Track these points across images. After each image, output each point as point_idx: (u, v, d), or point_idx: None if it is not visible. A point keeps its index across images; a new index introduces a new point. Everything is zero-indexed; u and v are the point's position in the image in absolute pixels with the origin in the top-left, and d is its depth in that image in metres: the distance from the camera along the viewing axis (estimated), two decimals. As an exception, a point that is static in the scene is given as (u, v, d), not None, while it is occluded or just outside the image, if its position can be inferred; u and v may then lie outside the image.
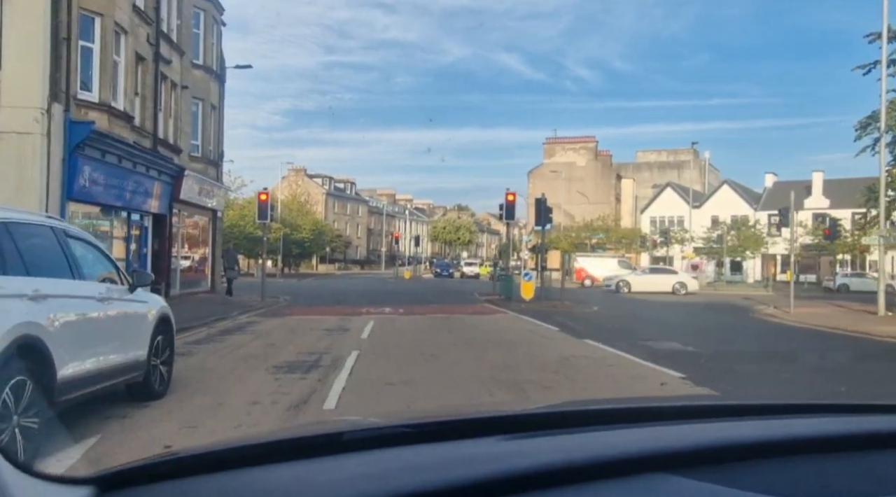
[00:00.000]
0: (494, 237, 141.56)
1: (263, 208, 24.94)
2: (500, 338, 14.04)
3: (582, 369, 10.02)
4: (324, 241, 69.94)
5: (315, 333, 14.46)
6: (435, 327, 16.34)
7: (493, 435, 1.24)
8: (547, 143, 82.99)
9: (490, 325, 17.10)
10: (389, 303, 24.85)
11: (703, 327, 18.55)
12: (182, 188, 23.10)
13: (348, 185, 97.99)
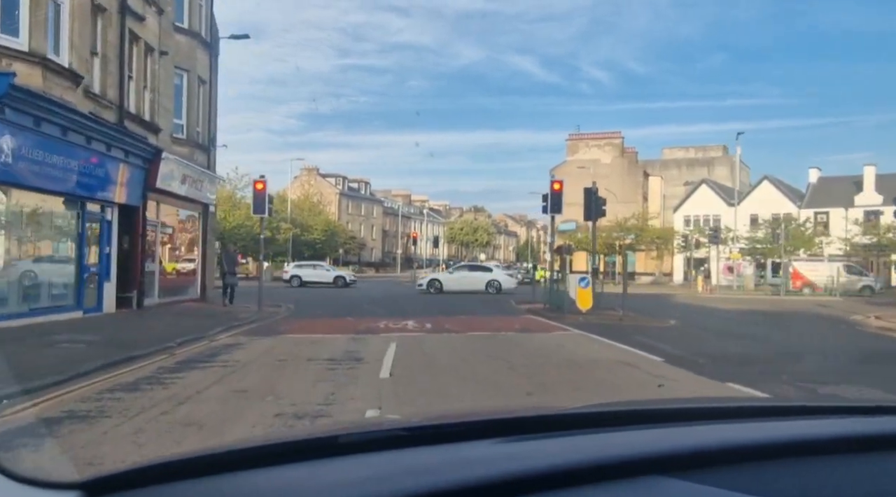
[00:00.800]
0: (512, 239, 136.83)
1: (260, 199, 20.41)
2: (590, 378, 9.32)
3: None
4: (336, 242, 65.58)
5: (313, 367, 9.86)
6: (481, 354, 11.68)
7: (489, 438, 1.21)
8: (570, 140, 78.14)
9: (557, 350, 12.33)
10: (411, 313, 20.25)
11: (847, 350, 13.84)
12: (159, 174, 18.62)
13: (362, 184, 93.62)
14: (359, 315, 19.96)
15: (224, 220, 52.04)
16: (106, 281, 16.77)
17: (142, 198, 18.41)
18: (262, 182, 20.50)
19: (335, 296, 31.83)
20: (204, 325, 15.43)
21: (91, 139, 15.28)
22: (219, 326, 15.40)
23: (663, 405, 1.74)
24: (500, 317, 19.67)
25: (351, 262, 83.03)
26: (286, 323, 17.42)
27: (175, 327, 14.89)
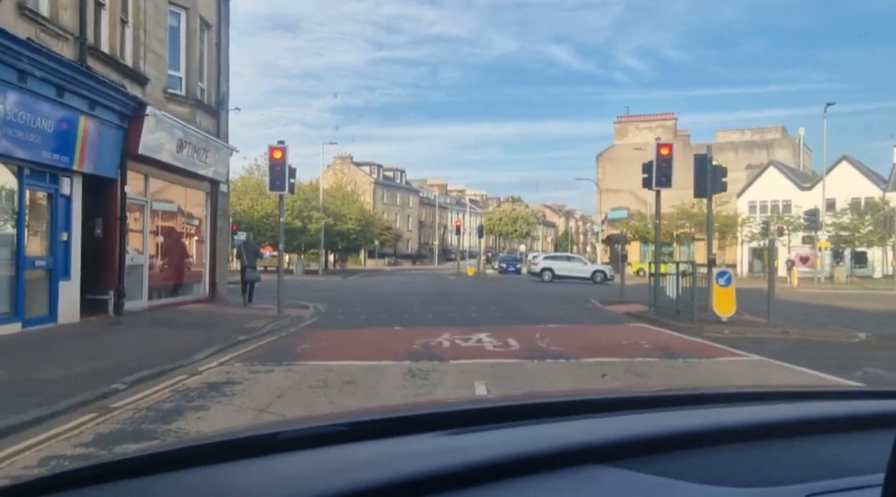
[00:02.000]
0: (550, 230, 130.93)
1: (278, 171, 15.43)
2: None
3: None
4: (372, 233, 60.68)
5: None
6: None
7: (429, 432, 1.19)
8: (618, 123, 72.31)
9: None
10: (476, 320, 15.15)
11: None
12: (142, 136, 13.73)
13: (398, 173, 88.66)
14: (409, 321, 14.88)
15: (252, 210, 47.46)
16: (63, 279, 11.94)
17: (119, 167, 13.53)
18: (281, 149, 15.49)
19: (375, 291, 26.83)
20: (190, 344, 10.48)
21: (27, 76, 10.41)
22: (212, 345, 10.45)
23: (600, 396, 1.62)
24: (601, 326, 14.29)
25: (386, 254, 78.25)
26: (310, 336, 12.40)
27: (143, 348, 9.97)
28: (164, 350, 9.89)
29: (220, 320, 14.18)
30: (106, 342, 10.50)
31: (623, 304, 18.58)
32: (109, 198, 13.53)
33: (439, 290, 29.17)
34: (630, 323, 14.82)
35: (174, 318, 14.11)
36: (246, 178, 51.12)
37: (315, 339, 11.99)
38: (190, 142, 15.90)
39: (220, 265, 19.36)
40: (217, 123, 18.19)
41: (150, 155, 14.21)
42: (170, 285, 16.64)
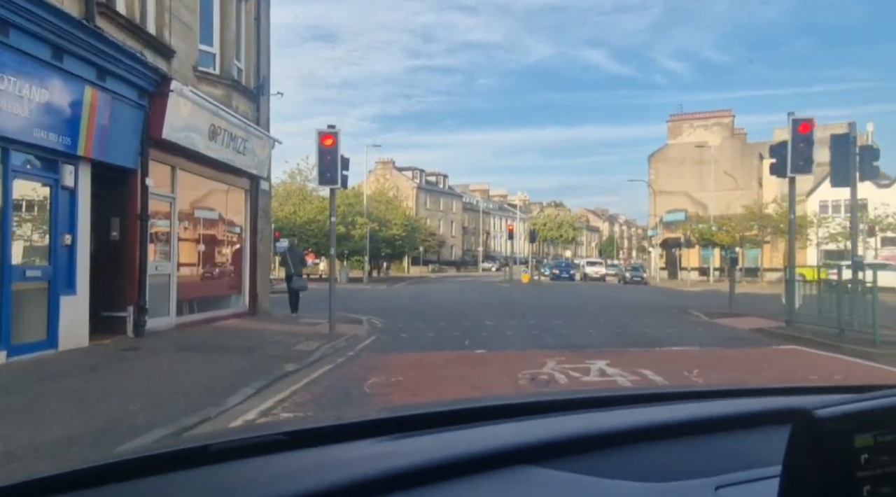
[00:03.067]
0: (594, 234, 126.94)
1: (329, 161, 12.74)
2: None
3: None
4: (416, 239, 58.09)
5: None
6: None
7: (367, 438, 1.20)
8: (671, 121, 68.28)
9: None
10: (574, 338, 12.23)
11: None
12: (166, 117, 11.15)
13: (440, 178, 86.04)
14: (490, 341, 12.01)
15: (294, 215, 45.21)
16: (65, 293, 9.35)
17: (139, 155, 10.97)
18: (332, 135, 12.79)
19: (430, 301, 24.02)
20: (223, 379, 7.79)
21: (8, 26, 7.87)
22: (250, 381, 7.73)
23: (532, 399, 1.65)
24: (745, 349, 10.98)
25: (430, 260, 75.61)
26: (375, 364, 9.60)
27: (161, 387, 7.29)
28: (187, 390, 7.20)
29: (261, 341, 11.50)
30: (113, 378, 7.85)
31: (737, 317, 15.40)
32: (127, 193, 10.98)
33: (500, 299, 26.22)
34: (776, 344, 11.58)
35: (206, 338, 11.47)
36: (288, 184, 49.02)
37: (383, 368, 9.19)
38: (225, 128, 13.30)
39: (262, 274, 16.76)
40: (256, 109, 15.61)
41: (177, 141, 11.62)
42: (203, 298, 14.04)
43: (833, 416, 0.74)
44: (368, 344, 12.08)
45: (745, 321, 14.62)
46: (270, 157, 16.28)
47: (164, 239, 12.25)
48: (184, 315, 13.02)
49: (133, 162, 10.84)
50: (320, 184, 13.10)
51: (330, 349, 10.91)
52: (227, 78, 13.87)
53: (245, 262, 15.99)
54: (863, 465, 0.73)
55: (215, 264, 14.78)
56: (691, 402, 1.54)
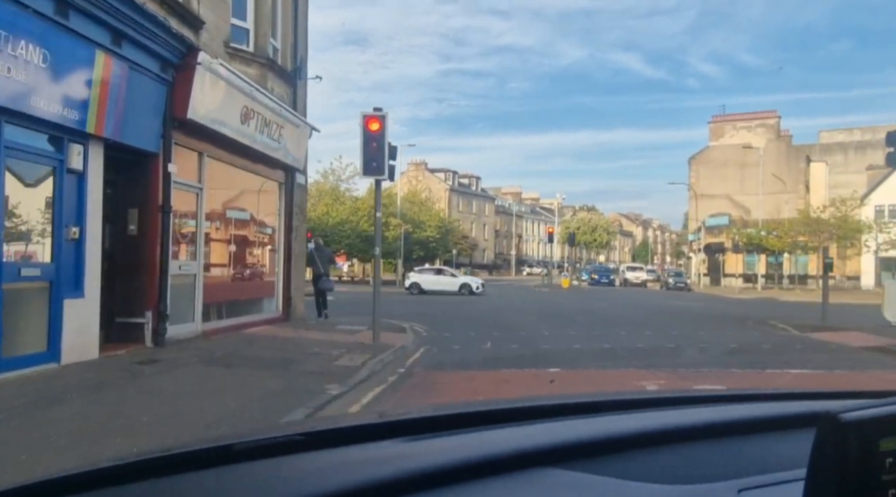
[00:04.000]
0: (627, 239, 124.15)
1: (374, 149, 11.15)
2: None
3: None
4: (449, 241, 56.50)
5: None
6: None
7: (387, 439, 1.19)
8: (713, 122, 65.83)
9: None
10: (658, 353, 10.51)
11: None
12: (192, 94, 9.65)
13: (473, 180, 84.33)
14: (558, 356, 10.31)
15: (326, 216, 43.89)
16: (70, 295, 7.85)
17: (161, 138, 9.48)
18: (378, 118, 11.19)
19: (472, 307, 22.34)
20: (252, 407, 6.22)
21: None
22: (287, 409, 6.16)
23: (552, 401, 1.63)
24: (870, 374, 9.08)
25: (462, 263, 73.93)
26: (433, 385, 7.98)
27: (175, 419, 5.73)
28: (209, 422, 5.62)
29: (298, 353, 9.93)
30: (120, 403, 6.30)
31: (834, 332, 13.40)
32: (147, 180, 9.50)
33: (546, 305, 24.44)
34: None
35: (236, 349, 9.93)
36: (321, 184, 47.77)
37: (446, 391, 7.55)
38: (259, 112, 11.79)
39: (297, 275, 15.25)
40: (293, 94, 14.10)
41: (205, 124, 10.12)
42: (232, 301, 12.53)
43: (859, 420, 0.73)
44: (419, 358, 10.45)
45: (847, 337, 12.66)
46: (307, 147, 14.75)
47: (188, 235, 10.76)
48: (211, 321, 11.52)
49: (154, 145, 9.35)
50: (364, 174, 11.47)
51: (378, 365, 9.29)
52: (261, 56, 12.37)
53: (279, 263, 14.48)
54: (888, 469, 0.72)
55: (246, 264, 13.28)
56: (715, 406, 1.51)
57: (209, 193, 11.29)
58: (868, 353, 11.07)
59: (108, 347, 8.78)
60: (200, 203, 10.93)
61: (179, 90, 9.54)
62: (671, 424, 1.25)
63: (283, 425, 1.80)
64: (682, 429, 1.22)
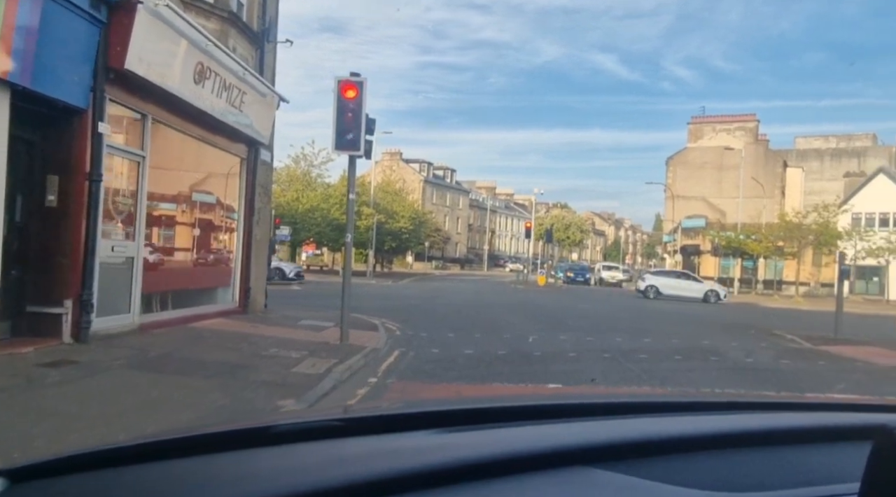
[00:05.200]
0: (600, 238, 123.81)
1: (350, 120, 9.57)
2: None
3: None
4: (422, 233, 54.92)
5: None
6: None
7: (424, 429, 1.18)
8: (693, 123, 65.20)
9: None
10: (657, 367, 9.13)
11: None
12: (132, 39, 7.97)
13: (448, 172, 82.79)
14: (558, 368, 8.89)
15: (296, 202, 42.00)
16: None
17: (90, 90, 7.79)
18: (355, 85, 9.62)
19: (447, 302, 20.84)
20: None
21: None
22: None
23: (592, 400, 1.61)
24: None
25: (434, 257, 72.49)
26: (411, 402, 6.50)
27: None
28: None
29: (250, 355, 8.34)
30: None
31: (850, 346, 12.14)
32: (72, 141, 7.81)
33: (526, 304, 23.05)
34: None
35: (175, 349, 8.30)
36: (292, 169, 45.76)
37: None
38: (217, 72, 10.12)
39: (258, 263, 13.61)
40: (260, 57, 12.43)
41: (148, 78, 8.44)
42: (179, 291, 10.86)
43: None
44: (394, 363, 8.93)
45: (869, 352, 11.42)
46: (274, 118, 13.09)
47: (125, 211, 9.06)
48: (152, 313, 9.87)
49: (81, 99, 7.66)
50: (337, 148, 9.87)
51: (345, 372, 7.76)
52: (223, 9, 10.71)
53: (237, 249, 12.83)
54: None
55: (198, 248, 11.59)
56: (762, 413, 1.47)
57: (155, 164, 9.61)
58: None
59: (14, 343, 7.13)
60: (142, 174, 9.25)
61: (116, 34, 7.86)
62: (716, 429, 1.20)
63: (323, 410, 1.73)
64: (727, 434, 1.17)
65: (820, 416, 1.44)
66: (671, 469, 1.01)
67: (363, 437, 1.16)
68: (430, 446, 1.10)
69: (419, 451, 1.06)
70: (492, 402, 1.59)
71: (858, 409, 1.53)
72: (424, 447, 1.09)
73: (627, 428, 1.22)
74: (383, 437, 1.16)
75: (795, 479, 1.00)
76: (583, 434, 1.15)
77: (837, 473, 0.99)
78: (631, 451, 1.06)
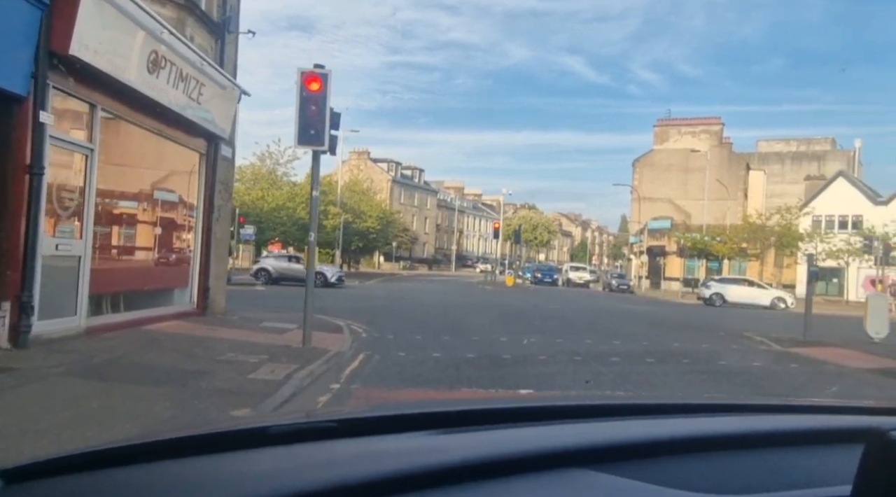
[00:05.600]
0: (567, 239, 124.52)
1: (313, 113, 9.14)
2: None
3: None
4: (390, 233, 54.39)
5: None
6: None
7: (419, 430, 1.18)
8: (659, 126, 65.78)
9: None
10: (631, 370, 8.90)
11: None
12: (77, 21, 7.43)
13: (416, 172, 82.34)
14: (530, 374, 8.57)
15: (261, 200, 41.16)
16: None
17: (31, 77, 7.23)
18: (318, 77, 9.20)
19: (415, 303, 20.48)
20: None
21: None
22: None
23: (585, 401, 1.62)
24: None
25: (401, 257, 71.98)
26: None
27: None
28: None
29: (205, 360, 7.86)
30: None
31: (819, 348, 12.07)
32: (10, 131, 7.24)
33: (494, 305, 22.78)
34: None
35: (124, 353, 7.78)
36: (257, 167, 44.85)
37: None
38: (173, 62, 9.59)
39: (218, 262, 13.06)
40: (220, 48, 11.91)
41: (96, 65, 7.90)
42: (132, 292, 10.30)
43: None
44: (358, 367, 8.53)
45: (838, 354, 11.34)
46: (236, 112, 12.56)
47: (72, 207, 8.50)
48: (102, 315, 9.32)
49: (21, 85, 7.11)
50: (300, 144, 9.43)
51: (306, 378, 7.34)
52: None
53: (196, 247, 12.28)
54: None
55: (153, 247, 11.03)
56: (755, 415, 1.47)
57: (106, 158, 9.06)
58: (874, 376, 9.69)
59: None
60: (90, 168, 8.68)
61: (59, 18, 7.32)
62: (710, 432, 1.21)
63: (318, 412, 1.69)
64: (720, 437, 1.18)
65: (812, 418, 1.44)
66: (666, 471, 1.01)
67: (359, 439, 1.16)
68: (425, 447, 1.09)
69: (414, 452, 1.06)
70: (486, 404, 1.60)
71: (850, 411, 1.55)
72: (420, 448, 1.09)
73: (622, 430, 1.22)
74: (379, 439, 1.16)
75: (788, 482, 1.00)
76: (577, 436, 1.15)
77: (829, 476, 1.00)
78: (626, 453, 1.06)
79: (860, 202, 47.41)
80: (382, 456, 1.05)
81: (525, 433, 1.20)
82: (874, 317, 12.76)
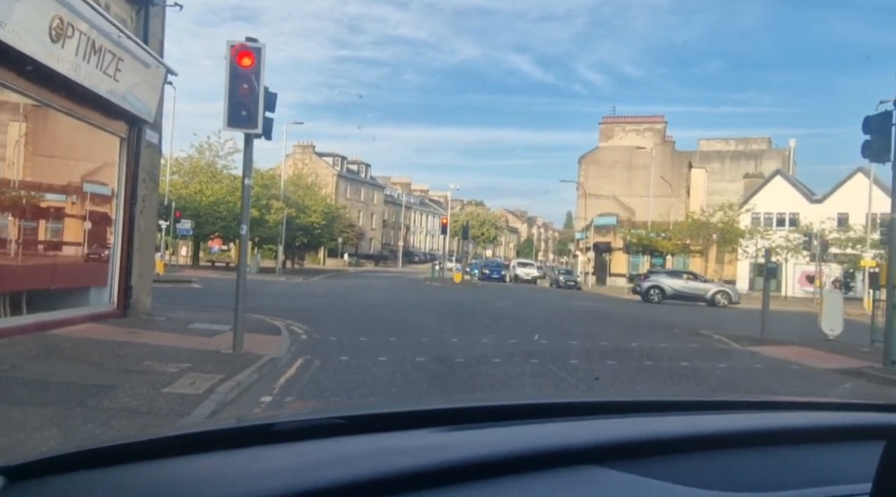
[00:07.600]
0: (513, 235, 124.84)
1: (245, 91, 8.12)
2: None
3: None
4: (335, 229, 52.96)
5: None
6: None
7: (426, 427, 1.15)
8: (604, 123, 66.05)
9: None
10: (591, 370, 8.21)
11: None
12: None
13: (362, 167, 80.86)
14: (486, 378, 7.76)
15: (200, 194, 39.35)
16: None
17: None
18: (251, 51, 8.18)
19: (360, 301, 19.46)
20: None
21: None
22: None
23: (594, 399, 1.57)
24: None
25: (348, 253, 70.53)
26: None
27: None
28: None
29: (115, 370, 6.77)
30: None
31: (778, 346, 11.65)
32: None
33: (443, 302, 21.95)
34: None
35: (14, 365, 6.61)
36: (195, 159, 42.89)
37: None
38: (83, 31, 8.39)
39: (143, 258, 11.83)
40: (143, 21, 10.69)
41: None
42: (34, 291, 9.05)
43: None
44: (295, 375, 7.58)
45: (799, 353, 10.91)
46: (162, 93, 11.35)
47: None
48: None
49: None
50: (230, 126, 8.38)
51: (232, 391, 6.34)
52: (92, -42, 8.94)
53: (116, 242, 11.03)
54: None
55: (63, 241, 9.79)
56: (770, 412, 1.43)
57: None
58: (839, 376, 9.22)
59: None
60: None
61: (-67, -34, 6.11)
62: (723, 428, 1.18)
63: (324, 408, 1.60)
64: (735, 434, 1.15)
65: (828, 415, 1.40)
66: (678, 468, 0.99)
67: (365, 436, 1.12)
68: (433, 445, 1.07)
69: (422, 449, 1.03)
70: (495, 401, 1.61)
71: (864, 408, 1.50)
72: (428, 445, 1.06)
73: (633, 427, 1.18)
74: (385, 436, 1.12)
75: (804, 479, 0.98)
76: (588, 433, 1.12)
77: (847, 473, 0.97)
78: (637, 450, 1.03)
79: (797, 200, 48.51)
80: (390, 453, 1.01)
81: (534, 430, 1.17)
82: (829, 314, 12.47)
